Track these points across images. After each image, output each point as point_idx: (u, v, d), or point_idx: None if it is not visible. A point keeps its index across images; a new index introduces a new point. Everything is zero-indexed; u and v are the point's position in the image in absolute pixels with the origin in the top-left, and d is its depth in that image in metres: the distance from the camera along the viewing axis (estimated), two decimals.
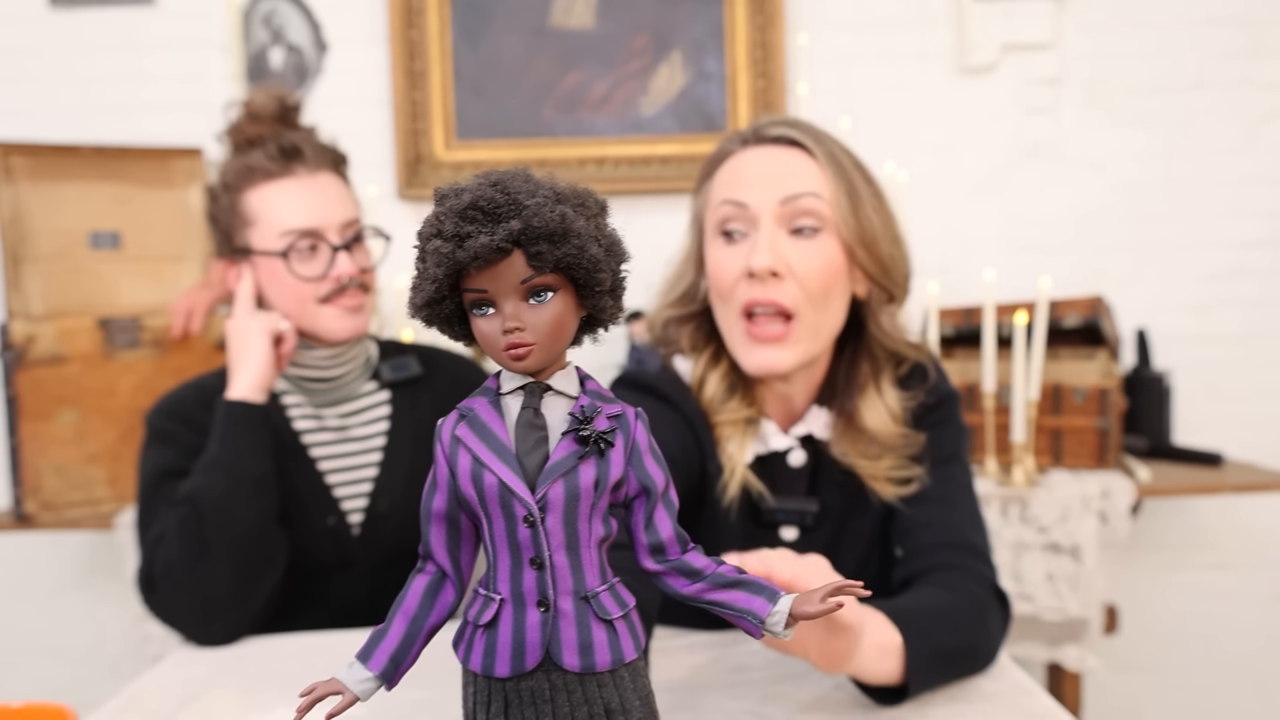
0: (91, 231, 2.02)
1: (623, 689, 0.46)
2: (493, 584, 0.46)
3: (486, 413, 0.46)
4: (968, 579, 0.99)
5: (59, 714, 0.79)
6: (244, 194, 1.26)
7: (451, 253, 0.44)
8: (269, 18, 2.23)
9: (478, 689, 0.46)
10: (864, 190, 1.03)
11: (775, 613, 0.48)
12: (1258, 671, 2.35)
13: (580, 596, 0.46)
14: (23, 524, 1.84)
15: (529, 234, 0.44)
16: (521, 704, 0.45)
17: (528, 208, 0.44)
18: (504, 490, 0.45)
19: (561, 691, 0.44)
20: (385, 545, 1.29)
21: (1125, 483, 1.78)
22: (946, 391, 1.12)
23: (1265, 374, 2.30)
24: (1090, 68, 2.27)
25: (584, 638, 0.45)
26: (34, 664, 2.33)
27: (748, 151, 1.04)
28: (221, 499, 1.14)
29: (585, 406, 0.47)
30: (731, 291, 1.01)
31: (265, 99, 1.29)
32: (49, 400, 1.83)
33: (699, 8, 2.23)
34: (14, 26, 2.22)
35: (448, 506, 0.48)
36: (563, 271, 0.46)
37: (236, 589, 1.15)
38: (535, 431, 0.46)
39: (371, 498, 1.30)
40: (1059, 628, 1.80)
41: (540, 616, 0.45)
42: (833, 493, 1.09)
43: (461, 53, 2.23)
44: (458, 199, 0.45)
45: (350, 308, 1.26)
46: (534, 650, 0.45)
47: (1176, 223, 2.29)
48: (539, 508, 0.45)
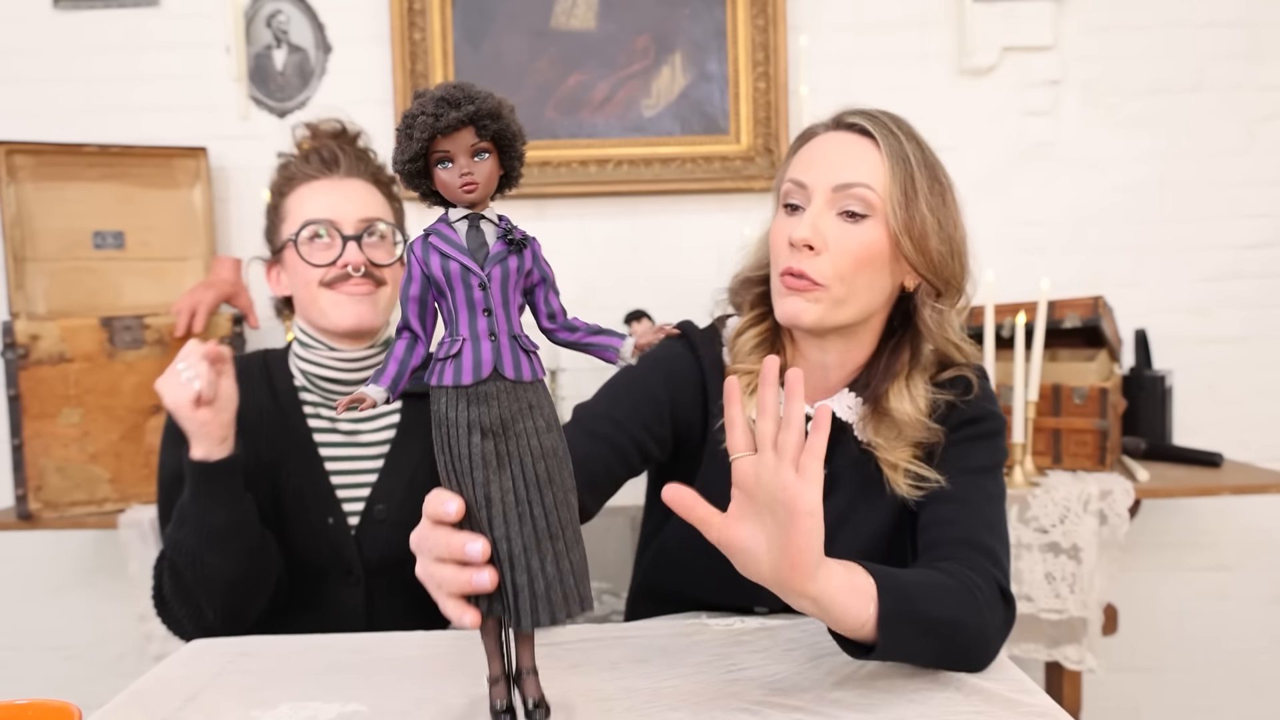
0: (95, 231, 2.03)
1: (538, 392, 0.71)
2: (455, 330, 0.70)
3: (446, 230, 0.71)
4: (971, 571, 0.99)
5: (63, 712, 0.79)
6: (285, 198, 1.33)
7: (432, 123, 0.68)
8: (272, 19, 2.24)
9: (448, 396, 0.69)
10: (924, 187, 1.08)
11: (625, 343, 0.76)
12: (1257, 672, 2.35)
13: (511, 335, 0.71)
14: (26, 523, 1.84)
15: (478, 114, 0.69)
16: (478, 400, 0.68)
17: (478, 98, 0.69)
18: (464, 270, 0.69)
19: (503, 391, 0.69)
20: (381, 549, 1.30)
21: (1125, 483, 1.78)
22: (990, 411, 1.15)
23: (1265, 375, 2.31)
24: (1090, 69, 2.28)
25: (515, 359, 0.70)
26: (37, 662, 2.34)
27: (825, 136, 1.12)
28: (194, 554, 1.18)
29: (506, 224, 0.72)
30: (778, 256, 1.09)
31: (330, 125, 1.37)
32: (52, 399, 1.83)
33: (700, 9, 2.23)
34: (18, 27, 2.22)
35: (420, 291, 0.71)
36: (493, 140, 0.71)
37: (226, 619, 1.21)
38: (478, 237, 0.70)
39: (368, 501, 1.31)
40: (1058, 628, 1.81)
41: (490, 345, 0.70)
42: (846, 471, 1.12)
43: (463, 54, 2.23)
44: (433, 93, 0.69)
45: (353, 294, 1.28)
46: (487, 365, 0.69)
47: (1176, 224, 2.29)
48: (487, 279, 0.69)
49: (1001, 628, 0.99)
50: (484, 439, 0.68)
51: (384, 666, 0.99)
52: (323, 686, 0.95)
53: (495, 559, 0.69)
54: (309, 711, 0.88)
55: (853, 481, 1.12)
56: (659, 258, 2.29)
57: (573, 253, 2.28)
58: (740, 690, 0.91)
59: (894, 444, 1.09)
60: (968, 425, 1.12)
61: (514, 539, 0.68)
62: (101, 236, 2.03)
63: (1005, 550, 1.06)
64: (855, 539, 1.11)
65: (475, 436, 0.68)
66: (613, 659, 0.99)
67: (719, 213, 2.28)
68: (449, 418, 0.68)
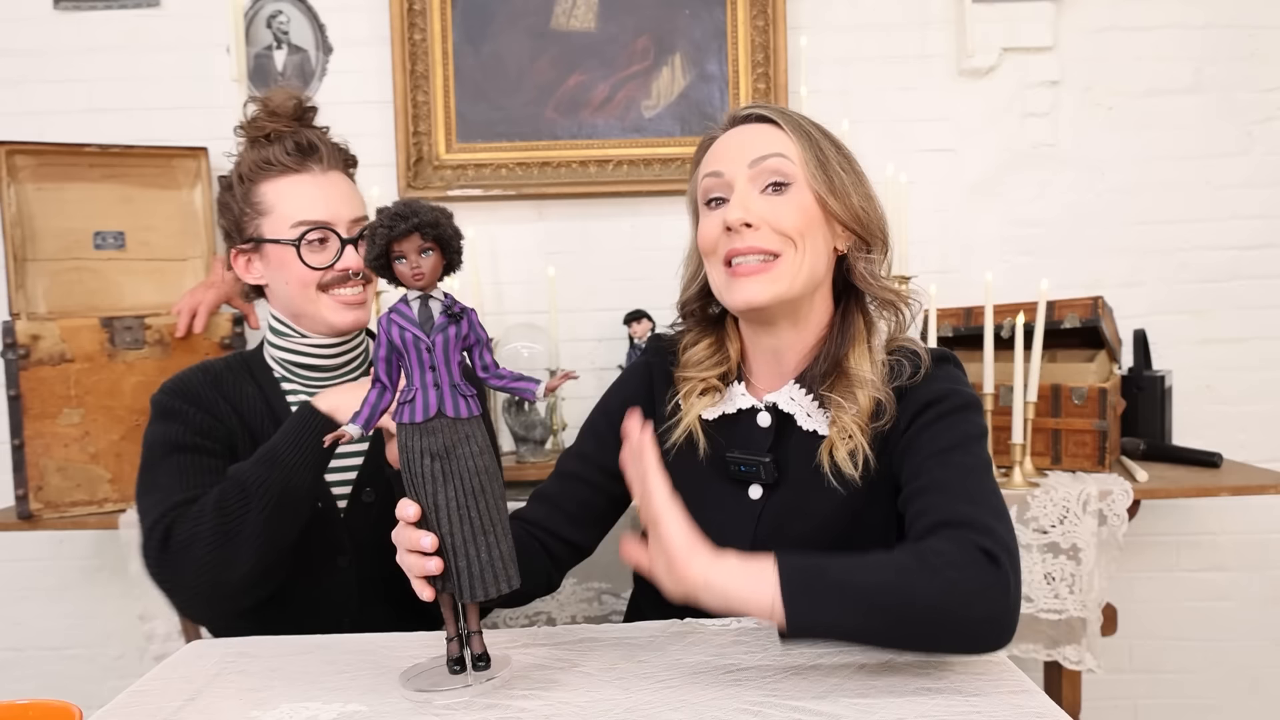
0: (95, 231, 2.03)
1: (473, 425, 0.90)
2: (410, 382, 0.90)
3: (404, 308, 0.90)
4: (935, 540, 0.94)
5: (64, 712, 0.80)
6: (259, 186, 1.30)
7: (387, 233, 0.88)
8: (273, 19, 2.24)
9: (407, 430, 0.89)
10: (831, 152, 1.13)
11: (539, 386, 0.94)
12: (1255, 672, 2.35)
13: (451, 384, 0.90)
14: (27, 523, 1.85)
15: (421, 224, 0.88)
16: (427, 432, 0.88)
17: (421, 212, 0.88)
18: (415, 338, 0.89)
19: (446, 426, 0.89)
20: (369, 533, 1.31)
21: (1124, 484, 1.78)
22: (950, 389, 1.10)
23: (1264, 376, 2.31)
24: (1089, 71, 2.28)
25: (455, 402, 0.90)
26: (37, 662, 2.34)
27: (727, 134, 1.16)
28: (272, 497, 1.16)
29: (448, 300, 0.91)
30: (714, 248, 1.12)
31: (284, 97, 1.32)
32: (53, 399, 1.84)
33: (700, 10, 2.24)
34: (19, 27, 2.23)
35: (386, 353, 0.91)
36: (435, 240, 0.89)
37: (247, 581, 1.16)
38: (426, 312, 0.90)
39: (355, 485, 1.32)
40: (1057, 628, 1.81)
41: (435, 392, 0.89)
42: (796, 460, 1.12)
43: (463, 55, 2.24)
44: (389, 209, 0.88)
45: (350, 301, 1.31)
46: (433, 407, 0.89)
47: (1175, 225, 2.30)
48: (431, 344, 0.89)
49: (990, 589, 0.90)
50: (433, 461, 0.89)
51: (384, 667, 1.00)
52: (322, 687, 0.95)
53: (443, 549, 0.90)
54: (309, 712, 0.89)
55: (801, 471, 1.12)
56: (659, 258, 2.29)
57: (573, 253, 2.29)
58: (740, 690, 0.91)
59: (849, 403, 1.09)
60: (929, 407, 1.09)
61: (456, 534, 0.89)
62: (102, 237, 2.03)
63: (993, 513, 0.98)
64: (806, 527, 1.10)
65: (426, 459, 0.89)
66: (612, 659, 1.00)
67: None
68: (409, 445, 0.90)
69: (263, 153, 1.30)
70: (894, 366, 1.13)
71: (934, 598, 0.88)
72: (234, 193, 1.33)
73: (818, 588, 0.88)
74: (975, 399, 1.12)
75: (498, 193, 2.25)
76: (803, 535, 1.10)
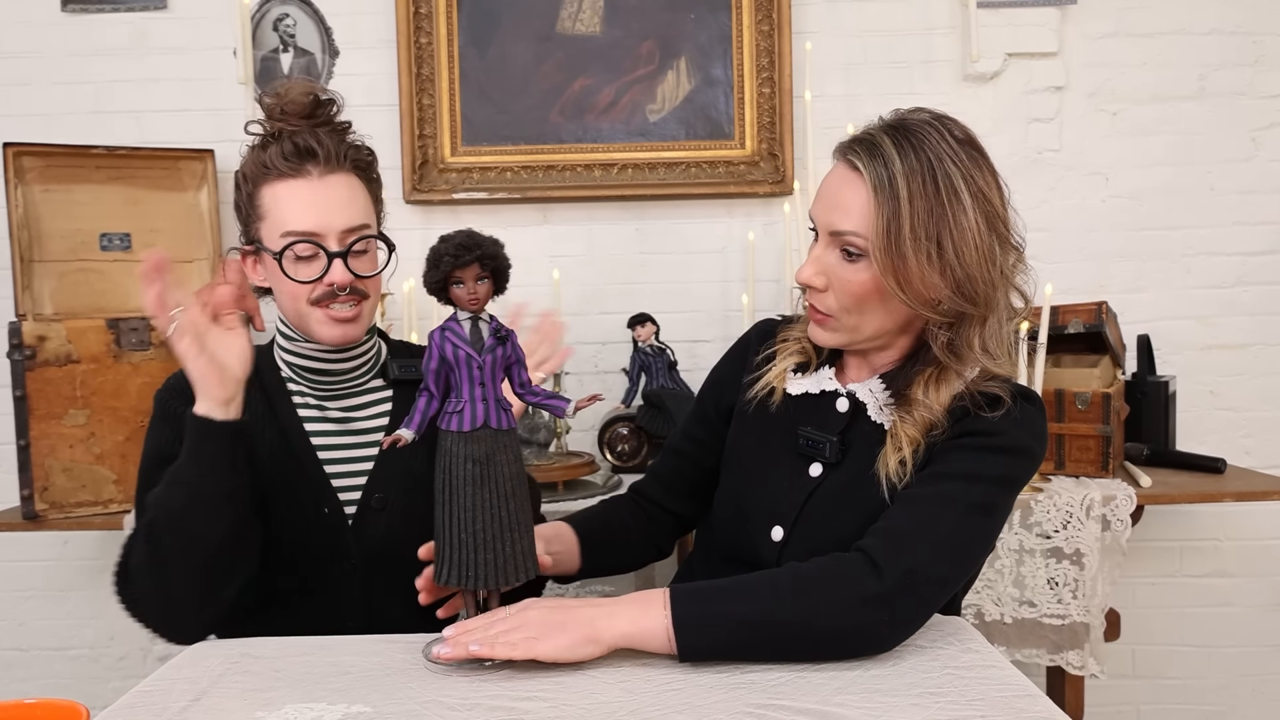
0: (102, 233, 2.04)
1: (511, 436, 1.02)
2: (459, 396, 1.00)
3: (456, 326, 1.01)
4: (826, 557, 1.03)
5: (72, 711, 0.80)
6: (259, 188, 1.27)
7: (453, 261, 0.98)
8: (279, 22, 2.25)
9: (453, 437, 1.00)
10: (921, 216, 1.05)
11: (569, 404, 1.06)
12: (1258, 678, 2.35)
13: (496, 399, 1.01)
14: (32, 523, 1.85)
15: (484, 256, 0.99)
16: (472, 440, 0.99)
17: (484, 244, 0.99)
18: (468, 356, 1.00)
19: (488, 436, 1.00)
20: (378, 538, 1.29)
21: (1127, 489, 1.78)
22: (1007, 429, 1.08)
23: (1268, 381, 2.31)
24: (1094, 76, 2.28)
25: (498, 415, 1.00)
26: (42, 662, 2.35)
27: (833, 169, 1.15)
28: (180, 516, 1.12)
29: (495, 324, 1.02)
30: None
31: (300, 93, 1.27)
32: (59, 400, 1.84)
33: (705, 14, 2.24)
34: (26, 30, 2.24)
35: (437, 365, 1.01)
36: (489, 271, 1.01)
37: (197, 597, 1.15)
38: (477, 333, 1.01)
39: (365, 489, 1.31)
40: (1061, 633, 1.81)
41: (483, 405, 1.00)
42: (861, 448, 1.14)
43: (469, 58, 2.24)
44: (454, 239, 0.99)
45: (339, 318, 1.26)
46: (480, 419, 1.00)
47: (1180, 231, 2.30)
48: (482, 363, 1.00)
49: (864, 602, 0.97)
50: (474, 465, 0.99)
51: (389, 668, 1.00)
52: (327, 688, 0.95)
53: (473, 544, 1.00)
54: (314, 713, 0.89)
55: (860, 461, 1.14)
56: (663, 261, 2.30)
57: (577, 256, 2.29)
58: (743, 694, 0.91)
59: (906, 420, 1.11)
60: (970, 436, 1.09)
61: (487, 530, 1.00)
62: (108, 238, 2.04)
63: (931, 543, 1.02)
64: (866, 506, 1.11)
65: (469, 464, 0.99)
66: (615, 662, 1.00)
67: (723, 217, 2.29)
68: (452, 450, 1.00)
69: (261, 155, 1.26)
70: (975, 396, 1.10)
71: (801, 614, 0.98)
72: (241, 193, 1.30)
73: (702, 615, 0.98)
74: (1027, 446, 1.10)
75: (502, 196, 2.25)
76: (863, 512, 1.09)
